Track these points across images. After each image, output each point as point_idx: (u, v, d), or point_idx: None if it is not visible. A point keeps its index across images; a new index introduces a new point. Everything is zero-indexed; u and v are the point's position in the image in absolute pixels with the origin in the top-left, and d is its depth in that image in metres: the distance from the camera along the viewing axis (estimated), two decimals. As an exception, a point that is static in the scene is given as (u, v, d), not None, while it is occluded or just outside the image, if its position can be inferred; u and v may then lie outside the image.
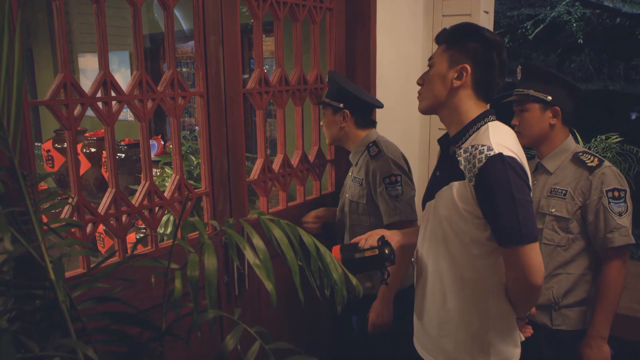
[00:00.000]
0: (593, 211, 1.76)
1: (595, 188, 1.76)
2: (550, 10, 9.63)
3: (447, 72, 1.41)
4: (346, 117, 2.12)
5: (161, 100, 1.75)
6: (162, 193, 1.80)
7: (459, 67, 1.39)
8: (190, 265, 1.09)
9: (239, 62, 1.98)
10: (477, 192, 1.32)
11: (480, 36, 1.39)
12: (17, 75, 1.04)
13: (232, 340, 1.11)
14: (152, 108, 1.73)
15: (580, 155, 1.83)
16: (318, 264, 1.21)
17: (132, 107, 1.69)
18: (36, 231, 1.07)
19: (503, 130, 1.39)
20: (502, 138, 1.34)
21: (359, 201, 2.09)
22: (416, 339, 1.61)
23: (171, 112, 1.79)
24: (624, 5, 8.90)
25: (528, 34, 10.09)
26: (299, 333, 2.36)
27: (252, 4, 2.01)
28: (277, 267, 1.14)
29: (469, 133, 1.39)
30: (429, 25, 2.84)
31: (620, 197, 1.74)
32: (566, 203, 1.80)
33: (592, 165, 1.79)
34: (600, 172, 1.76)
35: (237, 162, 2.01)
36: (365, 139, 2.14)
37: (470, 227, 1.35)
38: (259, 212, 1.23)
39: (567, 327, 1.83)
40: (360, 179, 2.09)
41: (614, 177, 1.76)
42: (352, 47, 2.52)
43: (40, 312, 1.10)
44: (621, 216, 1.73)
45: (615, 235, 1.73)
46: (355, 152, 2.16)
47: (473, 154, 1.32)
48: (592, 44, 10.79)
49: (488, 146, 1.30)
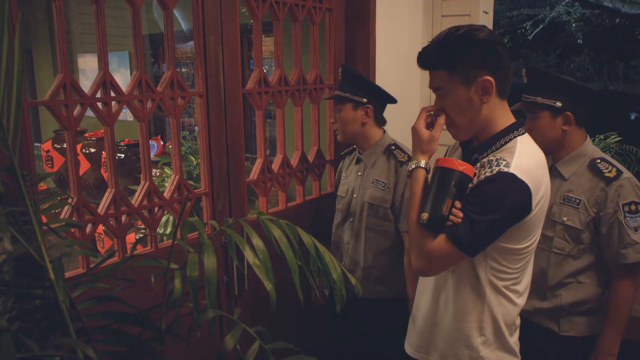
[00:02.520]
0: (607, 224, 1.69)
1: (612, 200, 1.68)
2: (550, 11, 9.64)
3: (469, 93, 1.30)
4: (369, 113, 2.05)
5: (160, 101, 1.76)
6: (161, 193, 1.81)
7: (479, 82, 1.28)
8: (190, 265, 1.09)
9: (238, 63, 1.98)
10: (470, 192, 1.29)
11: (475, 41, 1.27)
12: (17, 75, 1.04)
13: (232, 340, 1.11)
14: (151, 108, 1.74)
15: (597, 162, 1.74)
16: (317, 263, 1.21)
17: (131, 108, 1.69)
18: (36, 231, 1.07)
19: (531, 149, 1.32)
20: (526, 158, 1.28)
21: (381, 205, 2.04)
22: (407, 340, 1.58)
23: (171, 112, 1.80)
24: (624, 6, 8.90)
25: (528, 34, 10.09)
26: (298, 332, 2.36)
27: (252, 4, 2.01)
28: (276, 267, 1.15)
29: (496, 146, 1.32)
30: (429, 25, 2.84)
31: (637, 210, 1.67)
32: (579, 213, 1.72)
33: (609, 177, 1.70)
34: (617, 184, 1.68)
35: (237, 162, 2.01)
36: (383, 139, 2.10)
37: None
38: (258, 213, 1.24)
39: (575, 333, 1.79)
40: (383, 182, 2.04)
41: (632, 189, 1.68)
42: (351, 47, 2.52)
43: (40, 311, 1.11)
44: (637, 231, 1.66)
45: (630, 251, 1.66)
46: (371, 152, 2.11)
47: (491, 165, 1.28)
48: (592, 44, 10.80)
49: (507, 162, 1.25)
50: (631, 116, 10.89)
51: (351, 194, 2.15)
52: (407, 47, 2.79)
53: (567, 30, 9.89)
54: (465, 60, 1.28)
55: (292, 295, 1.44)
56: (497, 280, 1.35)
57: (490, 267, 1.33)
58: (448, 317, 1.42)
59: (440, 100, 1.35)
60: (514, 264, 1.34)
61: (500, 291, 1.36)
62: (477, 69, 1.28)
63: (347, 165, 2.26)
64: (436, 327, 1.45)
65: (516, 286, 1.37)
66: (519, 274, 1.36)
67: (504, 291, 1.36)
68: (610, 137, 4.49)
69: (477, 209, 1.25)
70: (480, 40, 1.27)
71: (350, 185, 2.17)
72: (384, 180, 2.05)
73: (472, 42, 1.27)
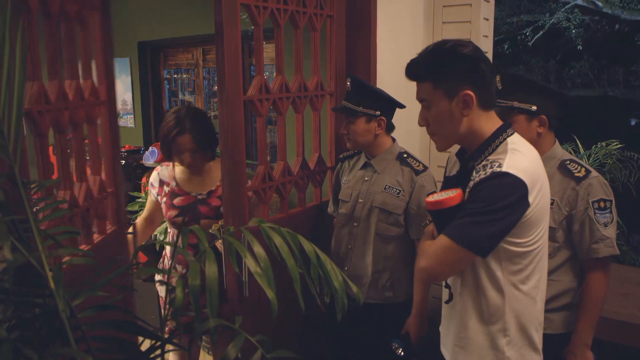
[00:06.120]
0: (578, 221, 1.76)
1: (582, 199, 1.76)
2: (550, 17, 9.65)
3: (451, 106, 1.36)
4: (382, 124, 2.08)
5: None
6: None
7: (460, 95, 1.35)
8: (191, 273, 1.08)
9: (239, 69, 1.98)
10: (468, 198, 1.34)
11: (459, 56, 1.34)
12: (18, 82, 1.04)
13: (234, 349, 1.10)
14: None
15: (567, 164, 1.82)
16: (318, 271, 1.20)
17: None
18: (36, 239, 1.07)
19: (522, 147, 1.37)
20: (519, 157, 1.33)
21: (393, 211, 2.06)
22: (442, 344, 1.62)
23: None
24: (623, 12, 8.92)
25: (527, 40, 10.11)
26: (299, 339, 2.35)
27: (253, 10, 2.01)
28: (276, 275, 1.14)
29: (489, 151, 1.37)
30: (429, 32, 2.84)
31: (606, 207, 1.74)
32: (553, 212, 1.78)
33: (579, 176, 1.78)
34: (587, 183, 1.76)
35: (238, 169, 2.01)
36: (394, 147, 2.13)
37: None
38: (259, 220, 1.23)
39: (551, 330, 1.81)
40: (397, 189, 2.06)
41: (600, 187, 1.76)
42: (352, 53, 2.53)
43: (40, 320, 1.10)
44: (606, 227, 1.74)
45: (601, 246, 1.73)
46: (381, 157, 2.12)
47: (485, 168, 1.33)
48: (592, 50, 10.81)
49: (499, 164, 1.30)
50: (631, 122, 10.89)
51: (356, 198, 2.14)
52: (407, 54, 2.77)
53: (567, 36, 9.90)
54: (449, 74, 1.35)
55: (292, 302, 1.43)
56: (512, 276, 1.37)
57: (502, 266, 1.37)
58: (472, 322, 1.44)
59: (425, 112, 1.43)
60: (523, 259, 1.36)
61: (518, 289, 1.38)
62: (460, 83, 1.34)
63: (348, 170, 2.25)
64: (465, 340, 1.47)
65: (530, 282, 1.39)
66: (531, 270, 1.39)
67: (521, 288, 1.39)
68: (612, 144, 4.49)
69: (475, 208, 1.29)
70: (464, 55, 1.33)
71: (354, 190, 2.16)
72: (398, 187, 2.06)
73: (456, 57, 1.34)
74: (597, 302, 1.77)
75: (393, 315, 2.12)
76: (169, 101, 4.67)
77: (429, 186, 2.07)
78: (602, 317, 1.81)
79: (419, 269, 1.41)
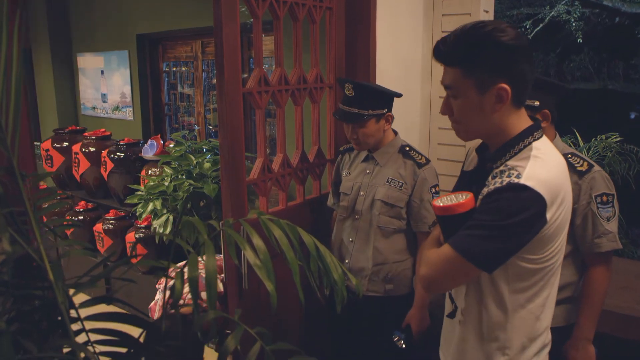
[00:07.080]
0: (581, 215, 1.76)
1: (585, 193, 1.75)
2: (550, 10, 9.61)
3: (482, 99, 1.20)
4: (390, 119, 2.10)
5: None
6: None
7: (494, 89, 1.18)
8: (190, 265, 1.08)
9: (238, 62, 1.97)
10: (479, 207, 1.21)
11: (497, 43, 1.16)
12: (16, 75, 1.03)
13: (233, 341, 1.10)
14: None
15: (569, 157, 1.79)
16: (318, 263, 1.20)
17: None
18: (35, 231, 1.07)
19: (548, 155, 1.22)
20: (541, 167, 1.18)
21: (395, 204, 2.06)
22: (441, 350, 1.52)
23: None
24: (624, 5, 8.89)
25: (527, 33, 10.07)
26: (298, 332, 2.36)
27: (252, 3, 2.00)
28: (276, 267, 1.14)
29: (510, 154, 1.23)
30: (429, 24, 2.83)
31: (608, 201, 1.74)
32: None
33: (581, 170, 1.77)
34: (589, 177, 1.75)
35: (237, 161, 2.01)
36: (396, 140, 2.14)
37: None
38: (258, 212, 1.23)
39: (552, 324, 1.82)
40: (400, 182, 2.06)
41: (603, 181, 1.75)
42: (352, 46, 2.52)
43: (39, 312, 1.10)
44: (609, 221, 1.73)
45: (603, 240, 1.73)
46: (384, 151, 2.12)
47: (502, 175, 1.19)
48: (592, 43, 10.77)
49: (518, 173, 1.16)
50: (631, 115, 10.88)
51: (357, 191, 2.14)
52: (407, 46, 2.78)
53: (567, 29, 9.87)
54: (483, 63, 1.18)
55: (291, 295, 1.44)
56: (518, 294, 1.26)
57: (509, 282, 1.26)
58: (471, 337, 1.34)
59: (449, 100, 1.26)
60: (533, 276, 1.25)
61: (523, 307, 1.27)
62: (495, 76, 1.18)
63: (349, 162, 2.25)
64: (463, 354, 1.38)
65: (537, 299, 1.28)
66: (540, 287, 1.27)
67: (527, 306, 1.28)
68: (611, 137, 4.49)
69: (486, 220, 1.17)
70: (502, 43, 1.15)
71: (356, 183, 2.16)
72: (401, 180, 2.07)
73: (494, 44, 1.16)
74: (599, 297, 1.77)
75: (394, 308, 2.13)
76: (167, 94, 4.67)
77: (432, 179, 2.07)
78: (603, 311, 1.81)
79: (420, 277, 1.30)
